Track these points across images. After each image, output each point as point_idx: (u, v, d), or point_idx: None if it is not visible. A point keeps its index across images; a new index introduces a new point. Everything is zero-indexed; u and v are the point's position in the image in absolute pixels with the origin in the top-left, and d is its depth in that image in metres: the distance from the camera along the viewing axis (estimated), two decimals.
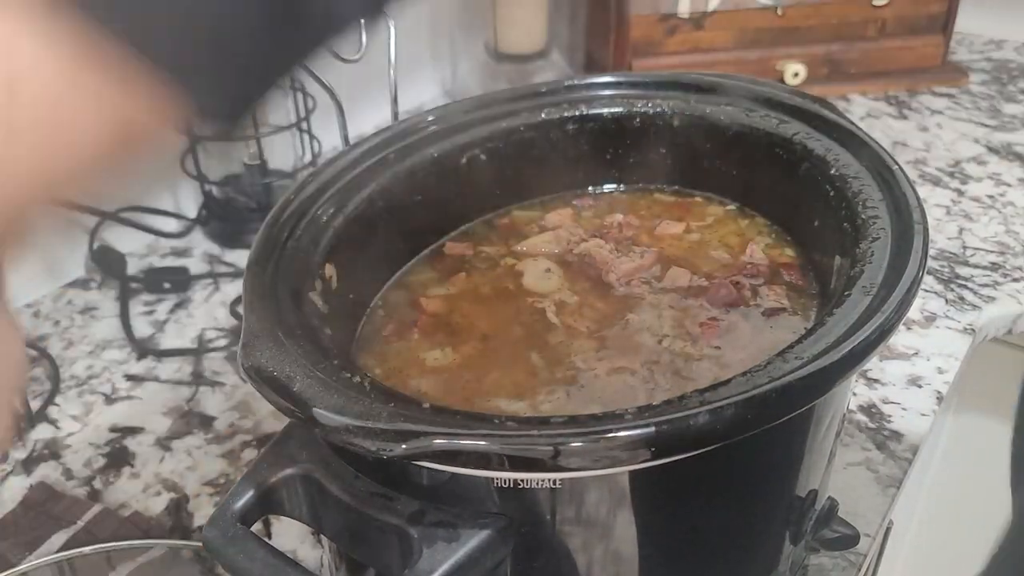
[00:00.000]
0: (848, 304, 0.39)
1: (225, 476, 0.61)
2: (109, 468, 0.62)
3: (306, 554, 0.55)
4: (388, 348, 0.49)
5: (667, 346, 0.47)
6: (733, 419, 0.33)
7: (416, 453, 0.33)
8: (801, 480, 0.44)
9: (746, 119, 0.55)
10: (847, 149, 0.49)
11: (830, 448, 0.47)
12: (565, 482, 0.36)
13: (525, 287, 0.52)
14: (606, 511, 0.38)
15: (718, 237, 0.55)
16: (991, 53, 1.24)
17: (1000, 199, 0.90)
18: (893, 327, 0.37)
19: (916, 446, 0.61)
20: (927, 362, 0.69)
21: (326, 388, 0.36)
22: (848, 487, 0.57)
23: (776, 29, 1.09)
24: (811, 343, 0.37)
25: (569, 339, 0.48)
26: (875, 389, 0.66)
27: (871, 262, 0.41)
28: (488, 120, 0.56)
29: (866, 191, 0.46)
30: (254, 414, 0.66)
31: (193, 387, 0.69)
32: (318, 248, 0.46)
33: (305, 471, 0.39)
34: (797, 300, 0.49)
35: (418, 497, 0.37)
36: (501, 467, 0.33)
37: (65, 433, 0.65)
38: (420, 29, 1.12)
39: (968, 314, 0.73)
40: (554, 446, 0.32)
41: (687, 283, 0.51)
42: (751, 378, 0.35)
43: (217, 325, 0.76)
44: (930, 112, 1.08)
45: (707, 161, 0.58)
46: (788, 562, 0.47)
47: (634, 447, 0.33)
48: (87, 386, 0.70)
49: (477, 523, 0.36)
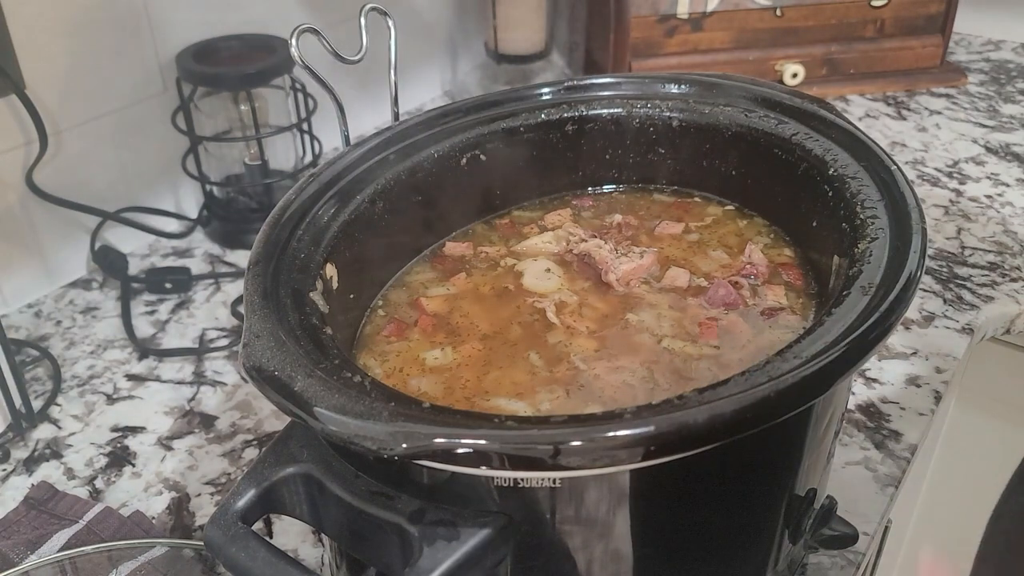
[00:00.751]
0: (847, 304, 0.39)
1: (226, 475, 0.61)
2: (111, 467, 0.62)
3: (307, 553, 0.55)
4: (388, 348, 0.49)
5: (666, 346, 0.47)
6: (732, 418, 0.33)
7: (416, 452, 0.33)
8: (800, 479, 0.44)
9: (745, 120, 0.55)
10: (846, 149, 0.49)
11: (829, 447, 0.47)
12: (565, 481, 0.36)
13: (525, 287, 0.52)
14: (605, 510, 0.38)
15: (717, 237, 0.56)
16: (989, 54, 1.24)
17: (998, 199, 0.90)
18: (891, 327, 0.37)
19: (914, 445, 0.61)
20: (925, 362, 0.69)
21: (327, 388, 0.36)
22: (847, 486, 0.57)
23: (775, 30, 1.09)
24: (810, 343, 0.37)
25: (569, 339, 0.48)
26: (874, 388, 0.66)
27: (869, 262, 0.41)
28: (488, 120, 0.56)
29: (865, 191, 0.46)
30: (255, 414, 0.66)
31: (194, 387, 0.69)
32: (319, 248, 0.46)
33: (306, 470, 0.39)
34: (796, 300, 0.50)
35: (418, 496, 0.37)
36: (501, 466, 0.33)
37: (67, 433, 0.65)
38: (420, 29, 1.12)
39: (966, 314, 0.74)
40: (554, 445, 0.32)
41: (686, 283, 0.51)
42: (750, 378, 0.35)
43: (218, 325, 0.76)
44: (928, 112, 1.09)
45: (706, 161, 0.58)
46: (787, 561, 0.47)
47: (633, 446, 0.33)
48: (89, 386, 0.70)
49: (477, 522, 0.36)
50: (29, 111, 0.72)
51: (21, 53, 0.73)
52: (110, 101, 0.81)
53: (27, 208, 0.77)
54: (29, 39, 0.73)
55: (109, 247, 0.84)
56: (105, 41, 0.79)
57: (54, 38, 0.75)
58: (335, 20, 0.97)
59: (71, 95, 0.77)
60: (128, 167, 0.84)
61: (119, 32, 0.80)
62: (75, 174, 0.80)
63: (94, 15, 0.77)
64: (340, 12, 0.97)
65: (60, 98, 0.76)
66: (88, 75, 0.78)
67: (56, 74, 0.76)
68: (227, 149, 0.88)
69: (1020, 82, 1.16)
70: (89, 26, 0.77)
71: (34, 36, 0.73)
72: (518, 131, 0.57)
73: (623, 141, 0.59)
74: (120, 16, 0.79)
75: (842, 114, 0.53)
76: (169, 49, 0.84)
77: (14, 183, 0.75)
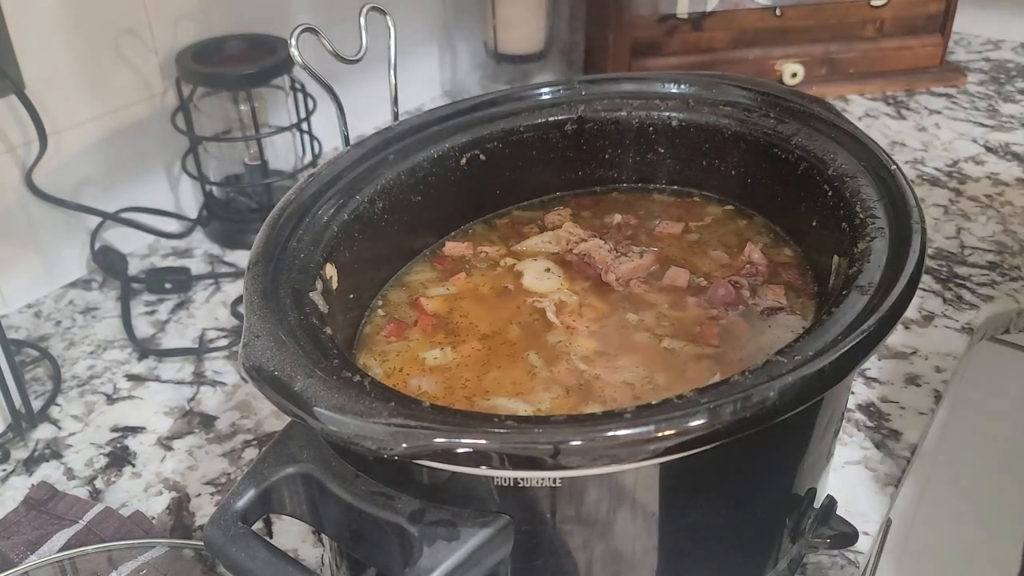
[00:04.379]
0: (846, 303, 0.39)
1: (226, 475, 0.61)
2: (111, 468, 0.62)
3: (307, 553, 0.55)
4: (388, 348, 0.49)
5: (666, 345, 0.47)
6: (732, 418, 0.33)
7: (416, 452, 0.33)
8: (800, 479, 0.44)
9: (745, 119, 0.55)
10: (845, 149, 0.50)
11: (828, 447, 0.47)
12: (565, 481, 0.36)
13: (525, 287, 0.52)
14: (605, 510, 0.38)
15: (717, 237, 0.56)
16: (989, 53, 1.24)
17: (998, 199, 0.90)
18: (891, 326, 0.37)
19: (914, 445, 0.61)
20: (925, 361, 0.69)
21: (327, 387, 0.36)
22: (847, 485, 0.57)
23: (774, 29, 1.09)
24: (809, 342, 0.37)
25: (568, 339, 0.48)
26: (873, 388, 0.66)
27: (869, 262, 0.41)
28: (488, 120, 0.56)
29: (864, 191, 0.46)
30: (255, 414, 0.66)
31: (194, 387, 0.69)
32: (319, 248, 0.46)
33: (306, 470, 0.39)
34: (795, 299, 0.50)
35: (419, 496, 0.37)
36: (501, 466, 0.33)
37: (67, 433, 0.65)
38: (420, 29, 1.12)
39: (966, 313, 0.74)
40: (554, 445, 0.32)
41: (686, 283, 0.51)
42: (750, 377, 0.35)
43: (218, 325, 0.76)
44: (928, 112, 1.09)
45: (706, 161, 0.58)
46: (787, 560, 0.47)
47: (633, 446, 0.33)
48: (88, 386, 0.70)
49: (477, 522, 0.36)
50: (29, 111, 0.72)
51: (20, 54, 0.73)
52: (110, 101, 0.81)
53: (27, 208, 0.77)
54: (28, 39, 0.73)
55: (109, 247, 0.83)
56: (105, 41, 0.79)
57: (53, 38, 0.75)
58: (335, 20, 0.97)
59: (71, 95, 0.77)
60: (128, 167, 0.84)
61: (119, 32, 0.79)
62: (75, 174, 0.80)
63: (94, 15, 0.77)
64: (340, 12, 0.97)
65: (60, 98, 0.76)
66: (88, 75, 0.78)
67: (56, 74, 0.76)
68: (227, 149, 0.88)
69: (1020, 81, 1.16)
70: (89, 26, 0.77)
71: (33, 36, 0.73)
72: (518, 131, 0.57)
73: (623, 141, 0.59)
74: (120, 16, 0.79)
75: (842, 114, 0.53)
76: (169, 49, 0.84)
77: (14, 183, 0.75)
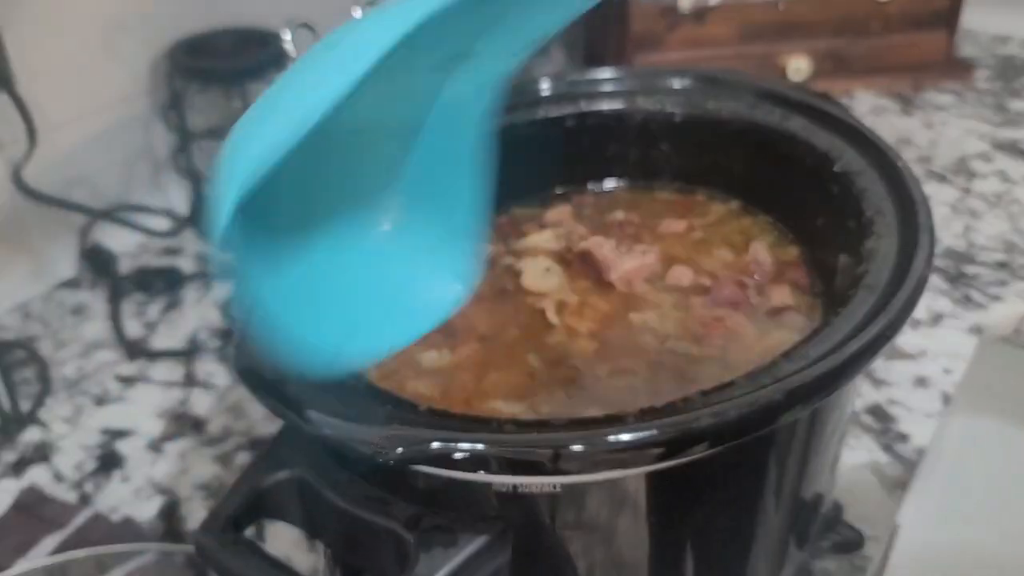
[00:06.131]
0: (853, 303, 0.38)
1: (218, 480, 0.60)
2: (100, 471, 0.61)
3: (300, 559, 0.54)
4: None
5: (670, 347, 0.46)
6: (737, 421, 0.33)
7: (413, 457, 0.33)
8: (806, 483, 0.44)
9: (749, 115, 0.54)
10: (851, 146, 0.49)
11: (835, 450, 0.47)
12: (565, 486, 0.36)
13: (524, 286, 0.52)
14: (607, 516, 0.37)
15: (721, 235, 0.55)
16: (997, 49, 1.23)
17: (1007, 196, 0.89)
18: (899, 327, 0.37)
19: (922, 448, 0.60)
20: (933, 362, 0.68)
21: (320, 390, 0.35)
22: (854, 490, 0.57)
23: (779, 24, 1.08)
24: (816, 343, 0.36)
25: (569, 339, 0.47)
26: (880, 390, 0.65)
27: (876, 261, 0.41)
28: None
29: (871, 188, 0.45)
30: (247, 417, 0.65)
31: (185, 389, 0.68)
32: None
33: (299, 475, 0.38)
34: (802, 299, 0.49)
35: (415, 501, 0.36)
36: (500, 471, 0.33)
37: (55, 435, 0.64)
38: None
39: (975, 313, 0.73)
40: (554, 449, 0.32)
41: (690, 282, 0.50)
42: (755, 379, 0.35)
43: (210, 326, 0.75)
44: (935, 108, 1.08)
45: (709, 158, 0.57)
46: (793, 566, 0.47)
47: (636, 450, 0.32)
48: (78, 388, 0.69)
49: (475, 528, 0.35)
50: (18, 108, 0.71)
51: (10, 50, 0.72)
52: (100, 97, 0.80)
53: (15, 207, 0.76)
54: (18, 35, 0.72)
55: (98, 246, 0.83)
56: (95, 36, 0.78)
57: (43, 34, 0.74)
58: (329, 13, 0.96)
59: (60, 91, 0.76)
60: (118, 164, 0.83)
61: (109, 27, 0.79)
62: (64, 172, 0.79)
63: (83, 9, 0.76)
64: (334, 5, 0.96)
65: (49, 94, 0.75)
66: (78, 71, 0.77)
67: (45, 70, 0.75)
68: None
69: None
70: (78, 21, 0.76)
71: (23, 32, 0.72)
72: (517, 126, 0.56)
73: (625, 136, 0.58)
74: (110, 10, 0.78)
75: (848, 110, 0.52)
76: (160, 43, 0.83)
77: (2, 181, 0.74)
